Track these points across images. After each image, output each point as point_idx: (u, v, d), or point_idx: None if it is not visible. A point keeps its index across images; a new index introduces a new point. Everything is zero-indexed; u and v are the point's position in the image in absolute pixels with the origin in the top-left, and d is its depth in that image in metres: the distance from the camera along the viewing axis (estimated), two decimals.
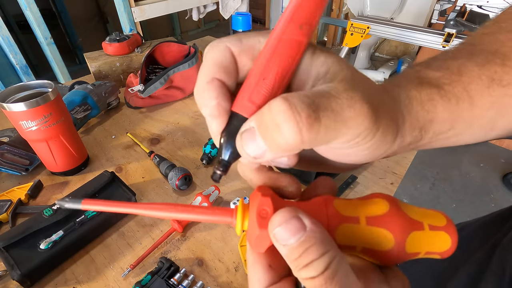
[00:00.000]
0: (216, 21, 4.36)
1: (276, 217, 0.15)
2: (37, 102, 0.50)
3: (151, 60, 0.91)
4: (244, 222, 0.17)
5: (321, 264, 0.14)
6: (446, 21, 1.41)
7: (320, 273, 0.14)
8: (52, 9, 2.66)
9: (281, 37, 0.15)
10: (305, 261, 0.14)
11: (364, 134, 0.15)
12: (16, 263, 0.42)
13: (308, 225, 0.15)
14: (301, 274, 0.14)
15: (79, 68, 2.88)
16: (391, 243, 0.16)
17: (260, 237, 0.16)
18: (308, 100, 0.13)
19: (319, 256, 0.14)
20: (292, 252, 0.14)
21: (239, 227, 0.17)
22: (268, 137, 0.14)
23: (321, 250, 0.14)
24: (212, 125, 0.17)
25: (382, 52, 3.34)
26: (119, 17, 1.56)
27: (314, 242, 0.14)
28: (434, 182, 1.81)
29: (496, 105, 0.19)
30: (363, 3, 2.73)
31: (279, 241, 0.15)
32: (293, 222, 0.15)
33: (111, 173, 0.56)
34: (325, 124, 0.13)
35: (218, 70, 0.16)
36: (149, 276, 0.43)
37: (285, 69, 0.16)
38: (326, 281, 0.13)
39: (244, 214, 0.17)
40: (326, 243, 0.14)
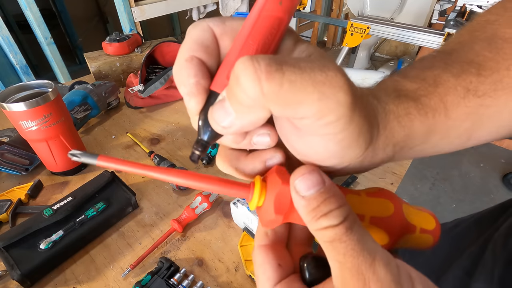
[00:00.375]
0: None
1: (298, 170, 0.16)
2: (37, 102, 0.50)
3: (151, 60, 0.91)
4: (260, 199, 0.17)
5: (342, 213, 0.14)
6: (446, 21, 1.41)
7: (342, 222, 0.14)
8: (52, 9, 2.66)
9: (261, 13, 0.15)
10: (324, 210, 0.14)
11: (337, 112, 0.13)
12: (16, 263, 0.42)
13: (326, 180, 0.15)
14: (320, 223, 0.14)
15: (79, 68, 2.88)
16: (385, 242, 0.17)
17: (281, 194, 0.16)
18: (273, 56, 0.13)
19: (338, 207, 0.14)
20: (312, 202, 0.15)
21: (254, 203, 0.17)
22: (232, 96, 0.14)
23: (339, 201, 0.15)
24: (190, 104, 0.16)
25: (382, 52, 3.34)
26: (119, 17, 1.56)
27: (333, 194, 0.15)
28: (434, 182, 1.81)
29: (471, 116, 0.19)
30: (363, 3, 2.73)
31: (300, 191, 0.15)
32: (314, 175, 0.15)
33: (111, 173, 0.56)
34: (289, 79, 0.12)
35: (198, 48, 0.16)
36: (149, 276, 0.43)
37: (265, 47, 0.15)
38: (347, 230, 0.14)
39: (262, 191, 0.17)
40: (342, 198, 0.15)
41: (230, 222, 0.52)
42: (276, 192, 0.16)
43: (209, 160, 0.64)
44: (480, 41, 0.21)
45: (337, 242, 0.14)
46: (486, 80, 0.19)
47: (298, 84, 0.12)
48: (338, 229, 0.14)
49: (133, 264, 0.45)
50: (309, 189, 0.15)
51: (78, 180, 0.61)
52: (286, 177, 0.17)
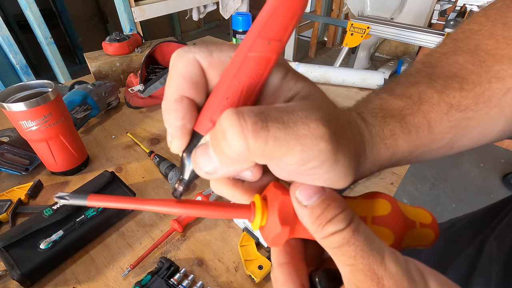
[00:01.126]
0: (216, 21, 4.36)
1: (297, 182, 0.16)
2: (37, 102, 0.50)
3: (151, 60, 0.91)
4: (263, 217, 0.17)
5: (346, 217, 0.14)
6: (446, 21, 1.41)
7: (347, 225, 0.14)
8: (52, 9, 2.66)
9: (247, 54, 0.14)
10: (328, 216, 0.14)
11: (319, 159, 0.14)
12: (16, 263, 0.42)
13: (326, 188, 0.16)
14: (327, 230, 0.14)
15: (79, 68, 2.88)
16: (391, 240, 0.18)
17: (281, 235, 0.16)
18: (258, 110, 0.13)
19: (341, 211, 0.15)
20: (315, 210, 0.15)
21: (257, 222, 0.17)
22: (217, 147, 0.13)
23: (342, 205, 0.15)
24: (173, 145, 0.16)
25: (382, 52, 3.34)
26: (119, 17, 1.56)
27: (334, 199, 0.15)
28: (434, 182, 1.81)
29: (454, 129, 0.20)
30: (363, 3, 2.73)
31: (302, 201, 0.15)
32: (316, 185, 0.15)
33: (111, 173, 0.56)
34: (274, 136, 0.13)
35: (187, 87, 0.15)
36: (149, 276, 0.43)
37: (250, 88, 0.15)
38: (353, 232, 0.14)
39: (264, 209, 0.17)
40: (343, 201, 0.15)
41: (230, 222, 0.52)
42: (278, 204, 0.16)
43: None
44: (464, 53, 0.21)
45: (345, 246, 0.14)
46: (469, 94, 0.19)
47: (282, 140, 0.13)
48: (345, 233, 0.14)
49: (133, 264, 0.45)
50: (310, 197, 0.15)
51: (78, 180, 0.61)
52: (286, 189, 0.17)
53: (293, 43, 2.42)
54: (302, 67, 0.95)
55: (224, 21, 4.29)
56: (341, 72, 0.92)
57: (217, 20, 4.35)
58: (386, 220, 0.18)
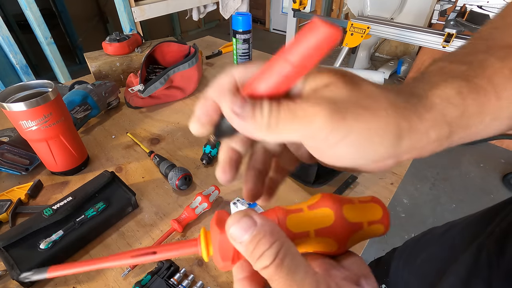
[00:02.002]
0: (216, 21, 4.36)
1: (230, 219, 0.17)
2: (37, 102, 0.50)
3: (151, 60, 0.91)
4: (209, 248, 0.19)
5: (272, 253, 0.16)
6: (446, 21, 1.41)
7: (272, 261, 0.15)
8: (52, 9, 2.66)
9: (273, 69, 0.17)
10: (258, 253, 0.16)
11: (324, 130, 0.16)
12: (16, 263, 0.42)
13: (258, 221, 0.17)
14: (258, 265, 0.16)
15: (79, 68, 2.88)
16: (335, 247, 0.19)
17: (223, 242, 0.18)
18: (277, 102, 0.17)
19: (269, 246, 0.16)
20: (248, 247, 0.16)
21: (205, 253, 0.19)
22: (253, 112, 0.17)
23: (270, 240, 0.16)
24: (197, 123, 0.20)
25: (382, 52, 3.34)
26: (119, 17, 1.56)
27: (264, 234, 0.16)
28: (434, 182, 1.81)
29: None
30: (363, 3, 2.73)
31: (235, 239, 0.17)
32: (245, 220, 0.17)
33: (111, 173, 0.56)
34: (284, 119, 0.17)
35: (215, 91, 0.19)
36: (149, 276, 0.43)
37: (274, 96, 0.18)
38: (276, 267, 0.15)
39: (207, 243, 0.19)
40: (274, 234, 0.16)
41: None
42: (218, 242, 0.18)
43: (209, 160, 0.64)
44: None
45: (271, 281, 0.16)
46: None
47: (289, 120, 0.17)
48: (270, 269, 0.16)
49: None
50: (243, 235, 0.16)
51: (78, 180, 0.61)
52: (224, 224, 0.18)
53: None
54: None
55: (224, 21, 4.29)
56: None
57: (217, 20, 4.35)
58: (328, 231, 0.19)
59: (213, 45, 1.28)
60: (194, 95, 0.91)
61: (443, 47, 1.44)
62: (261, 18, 4.15)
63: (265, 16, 4.07)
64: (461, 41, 1.39)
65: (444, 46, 1.43)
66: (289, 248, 0.16)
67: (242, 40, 0.97)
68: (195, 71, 0.87)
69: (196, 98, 0.90)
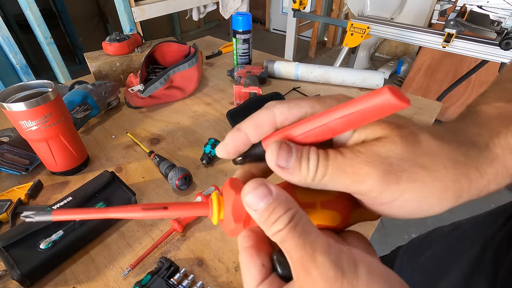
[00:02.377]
0: (216, 21, 4.36)
1: (247, 186, 0.17)
2: (37, 102, 0.50)
3: (151, 60, 0.91)
4: (220, 212, 0.19)
5: (287, 217, 0.16)
6: (446, 21, 1.41)
7: (286, 224, 0.16)
8: (52, 9, 2.66)
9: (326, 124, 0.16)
10: (274, 218, 0.16)
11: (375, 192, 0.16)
12: (16, 263, 0.42)
13: (273, 190, 0.17)
14: (271, 230, 0.16)
15: (79, 68, 2.88)
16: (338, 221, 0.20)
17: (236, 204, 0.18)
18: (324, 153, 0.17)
19: (284, 212, 0.16)
20: (263, 214, 0.17)
21: (215, 217, 0.19)
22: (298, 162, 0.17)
23: (285, 207, 0.16)
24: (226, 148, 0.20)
25: (382, 52, 3.34)
26: (119, 17, 1.56)
27: (279, 202, 0.17)
28: None
29: None
30: (363, 3, 2.73)
31: (251, 206, 0.17)
32: (261, 189, 0.17)
33: (111, 173, 0.56)
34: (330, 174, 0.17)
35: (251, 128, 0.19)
36: (149, 276, 0.43)
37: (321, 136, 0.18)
38: (290, 229, 0.16)
39: (220, 205, 0.19)
40: (289, 202, 0.17)
41: None
42: (232, 203, 0.18)
43: (209, 160, 0.64)
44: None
45: (284, 242, 0.16)
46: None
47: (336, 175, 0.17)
48: (284, 231, 0.16)
49: (133, 264, 0.45)
50: (259, 202, 0.17)
51: (78, 180, 0.61)
52: (239, 187, 0.18)
53: (293, 43, 2.42)
54: (302, 67, 0.95)
55: (224, 21, 4.29)
56: (341, 72, 0.92)
57: (217, 20, 4.35)
58: (334, 204, 0.19)
59: (213, 45, 1.28)
60: (194, 95, 0.91)
61: (443, 47, 1.44)
62: (261, 18, 4.15)
63: (265, 16, 4.07)
64: (461, 41, 1.39)
65: (444, 46, 1.43)
66: (302, 215, 0.17)
67: (242, 40, 0.97)
68: (195, 71, 0.87)
69: (196, 98, 0.90)
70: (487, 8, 1.31)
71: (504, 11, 1.25)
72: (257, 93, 0.78)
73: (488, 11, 1.30)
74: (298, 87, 0.94)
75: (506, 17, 1.23)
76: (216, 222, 0.19)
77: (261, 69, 0.93)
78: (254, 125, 0.19)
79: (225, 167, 0.65)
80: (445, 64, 2.21)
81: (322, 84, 0.96)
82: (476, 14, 1.35)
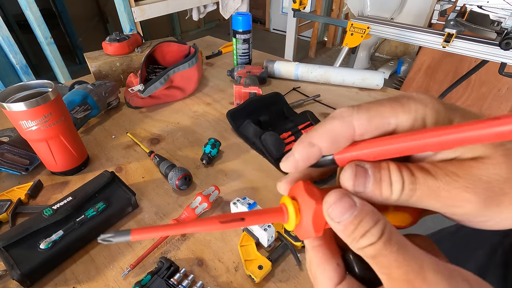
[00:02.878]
0: (216, 21, 4.36)
1: (329, 197, 0.16)
2: (37, 102, 0.50)
3: (151, 60, 0.91)
4: (297, 219, 0.18)
5: (378, 230, 0.15)
6: (446, 21, 1.41)
7: (379, 238, 0.15)
8: (52, 9, 2.66)
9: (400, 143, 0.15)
10: (362, 231, 0.15)
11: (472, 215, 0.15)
12: (16, 263, 0.42)
13: (357, 201, 0.16)
14: (360, 244, 0.15)
15: (79, 68, 2.88)
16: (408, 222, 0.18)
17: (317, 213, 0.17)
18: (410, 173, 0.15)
19: (373, 224, 0.15)
20: (348, 226, 0.15)
21: (292, 224, 0.18)
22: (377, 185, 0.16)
23: (374, 219, 0.15)
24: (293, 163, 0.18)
25: (382, 52, 3.34)
26: (119, 17, 1.56)
27: (367, 213, 0.15)
28: None
29: None
30: (363, 3, 2.73)
31: (334, 218, 0.16)
32: (345, 200, 0.16)
33: (111, 173, 0.56)
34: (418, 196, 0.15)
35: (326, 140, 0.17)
36: (149, 276, 0.43)
37: None
38: (385, 243, 0.14)
39: (297, 213, 0.18)
40: (376, 213, 0.15)
41: None
42: (312, 213, 0.17)
43: (209, 160, 0.64)
44: None
45: (378, 257, 0.15)
46: None
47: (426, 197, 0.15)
48: (377, 245, 0.15)
49: (133, 264, 0.45)
50: (342, 215, 0.15)
51: (78, 180, 0.61)
52: (317, 195, 0.17)
53: (293, 43, 2.42)
54: (302, 67, 0.95)
55: (224, 21, 4.29)
56: (341, 72, 0.92)
57: (217, 20, 4.35)
58: (405, 207, 0.18)
59: (213, 45, 1.28)
60: (194, 95, 0.91)
61: (443, 47, 1.44)
62: (261, 18, 4.15)
63: (265, 16, 4.07)
64: (461, 41, 1.39)
65: (444, 46, 1.43)
66: (392, 227, 0.15)
67: (242, 40, 0.97)
68: (195, 71, 0.87)
69: (196, 98, 0.90)
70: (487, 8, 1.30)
71: (504, 11, 1.24)
72: (257, 93, 0.78)
73: (488, 11, 1.30)
74: (298, 87, 0.94)
75: (506, 17, 1.23)
76: (292, 228, 0.18)
77: (261, 69, 0.93)
78: (330, 140, 0.17)
79: (225, 167, 0.65)
80: (445, 64, 2.21)
81: (322, 84, 0.96)
82: (476, 14, 1.35)
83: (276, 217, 0.18)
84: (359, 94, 0.91)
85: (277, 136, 0.65)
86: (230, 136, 0.73)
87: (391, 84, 2.78)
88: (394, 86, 2.71)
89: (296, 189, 0.18)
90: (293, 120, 0.72)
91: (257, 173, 0.63)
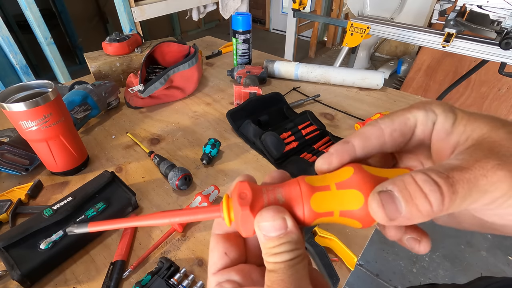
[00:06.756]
0: (216, 21, 4.36)
1: (266, 213, 0.17)
2: (37, 102, 0.50)
3: (151, 60, 0.91)
4: (230, 213, 0.19)
5: (288, 256, 0.17)
6: (446, 21, 1.40)
7: (285, 261, 0.17)
8: (52, 9, 2.66)
9: None
10: (277, 250, 0.17)
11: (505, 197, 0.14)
12: (16, 263, 0.42)
13: (289, 226, 0.17)
14: (269, 258, 0.17)
15: (79, 68, 2.88)
16: (361, 202, 0.17)
17: (244, 218, 0.18)
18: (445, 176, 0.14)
19: (288, 251, 0.17)
20: (269, 241, 0.17)
21: (226, 218, 0.19)
22: (412, 203, 0.14)
23: (292, 247, 0.17)
24: None
25: (382, 52, 3.34)
26: (119, 17, 1.56)
27: (289, 240, 0.17)
28: None
29: None
30: (363, 3, 2.73)
31: (262, 231, 0.17)
32: (278, 222, 0.17)
33: (111, 173, 0.56)
34: (462, 195, 0.14)
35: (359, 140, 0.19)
36: (149, 276, 0.43)
37: None
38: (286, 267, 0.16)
39: (229, 206, 0.19)
40: (297, 243, 0.17)
41: None
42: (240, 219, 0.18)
43: (209, 160, 0.64)
44: None
45: (274, 273, 0.17)
46: None
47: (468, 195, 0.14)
48: (280, 265, 0.17)
49: (133, 264, 0.45)
50: (271, 232, 0.17)
51: (78, 180, 0.61)
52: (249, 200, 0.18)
53: (293, 43, 2.42)
54: (302, 67, 0.95)
55: (224, 21, 4.29)
56: (341, 72, 0.92)
57: (217, 20, 4.35)
58: (349, 182, 0.18)
59: (213, 45, 1.28)
60: (194, 95, 0.91)
61: (443, 46, 1.44)
62: (261, 18, 4.15)
63: (265, 16, 4.07)
64: (461, 41, 1.39)
65: (444, 46, 1.43)
66: (303, 259, 0.17)
67: (242, 40, 0.97)
68: (195, 71, 0.87)
69: (196, 98, 0.90)
70: (487, 8, 1.30)
71: (504, 11, 1.24)
72: (257, 93, 0.78)
73: (488, 11, 1.29)
74: (298, 87, 0.94)
75: (506, 17, 1.23)
76: (228, 223, 0.19)
77: (261, 69, 0.93)
78: (363, 138, 0.19)
79: (225, 167, 0.65)
80: (445, 64, 2.21)
81: (322, 84, 0.96)
82: (476, 14, 1.34)
83: (213, 214, 0.20)
84: (359, 94, 0.91)
85: (277, 136, 0.65)
86: (230, 136, 0.73)
87: (391, 84, 2.78)
88: (394, 86, 2.71)
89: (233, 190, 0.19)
90: (293, 120, 0.72)
91: (257, 173, 0.63)
